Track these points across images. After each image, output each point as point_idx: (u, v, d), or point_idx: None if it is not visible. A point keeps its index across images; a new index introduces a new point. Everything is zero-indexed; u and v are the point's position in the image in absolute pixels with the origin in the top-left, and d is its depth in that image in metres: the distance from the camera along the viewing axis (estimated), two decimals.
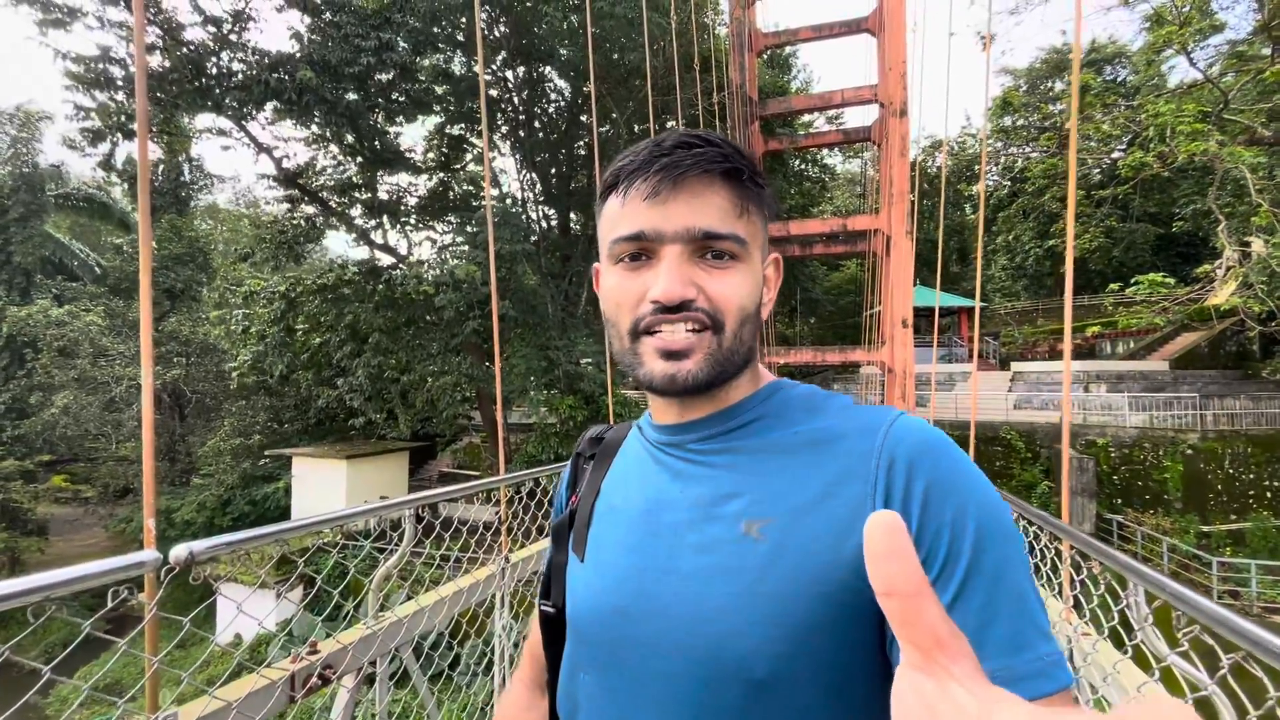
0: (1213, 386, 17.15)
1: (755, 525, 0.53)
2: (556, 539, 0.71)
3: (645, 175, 0.56)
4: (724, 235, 0.56)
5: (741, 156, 0.57)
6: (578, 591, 0.63)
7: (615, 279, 0.60)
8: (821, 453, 0.55)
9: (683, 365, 0.56)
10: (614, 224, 0.59)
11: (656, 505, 0.60)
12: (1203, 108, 13.09)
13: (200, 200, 29.36)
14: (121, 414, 20.23)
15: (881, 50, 14.23)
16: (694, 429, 0.62)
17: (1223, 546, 12.96)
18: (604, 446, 0.73)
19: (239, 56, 12.33)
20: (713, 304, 0.56)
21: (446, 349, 14.90)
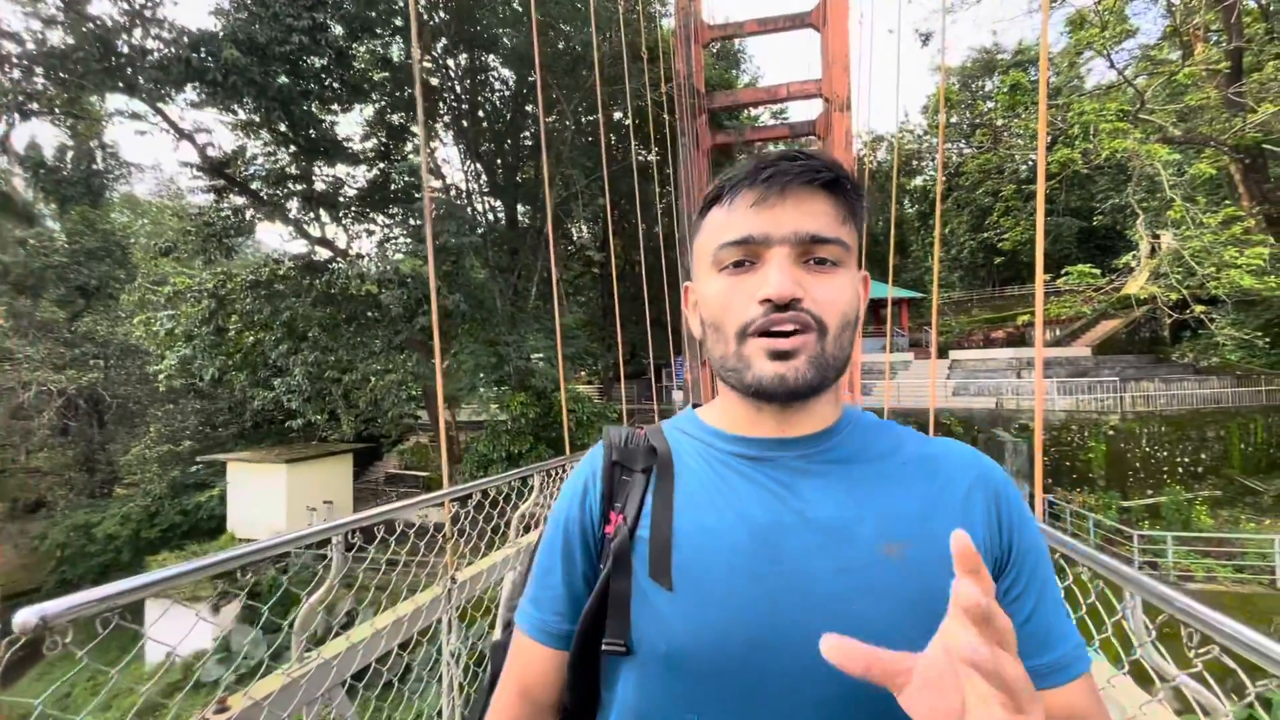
0: (1130, 370, 18.26)
1: (895, 547, 0.56)
2: (618, 563, 0.61)
3: (752, 184, 0.58)
4: (829, 240, 0.58)
5: (842, 169, 0.59)
6: (675, 625, 0.57)
7: (720, 284, 0.60)
8: (936, 480, 0.60)
9: (792, 364, 0.57)
10: (719, 231, 0.60)
11: (771, 528, 0.58)
12: (1124, 107, 13.84)
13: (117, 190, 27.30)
14: (30, 422, 18.65)
15: (825, 45, 14.46)
16: (796, 446, 0.62)
17: (1141, 520, 13.83)
18: (660, 459, 0.65)
19: (154, 33, 11.42)
20: (818, 306, 0.57)
21: (390, 346, 14.34)
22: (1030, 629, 0.57)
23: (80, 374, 19.11)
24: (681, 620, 0.56)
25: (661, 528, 0.60)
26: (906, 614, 0.53)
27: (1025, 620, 0.57)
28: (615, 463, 0.67)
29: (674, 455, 0.65)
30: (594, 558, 0.65)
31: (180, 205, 23.13)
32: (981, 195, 25.65)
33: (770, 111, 25.05)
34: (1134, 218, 15.88)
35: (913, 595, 0.54)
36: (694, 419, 0.69)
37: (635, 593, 0.59)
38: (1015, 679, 0.35)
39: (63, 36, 10.54)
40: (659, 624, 0.57)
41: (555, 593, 0.65)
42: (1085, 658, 0.58)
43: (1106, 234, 22.99)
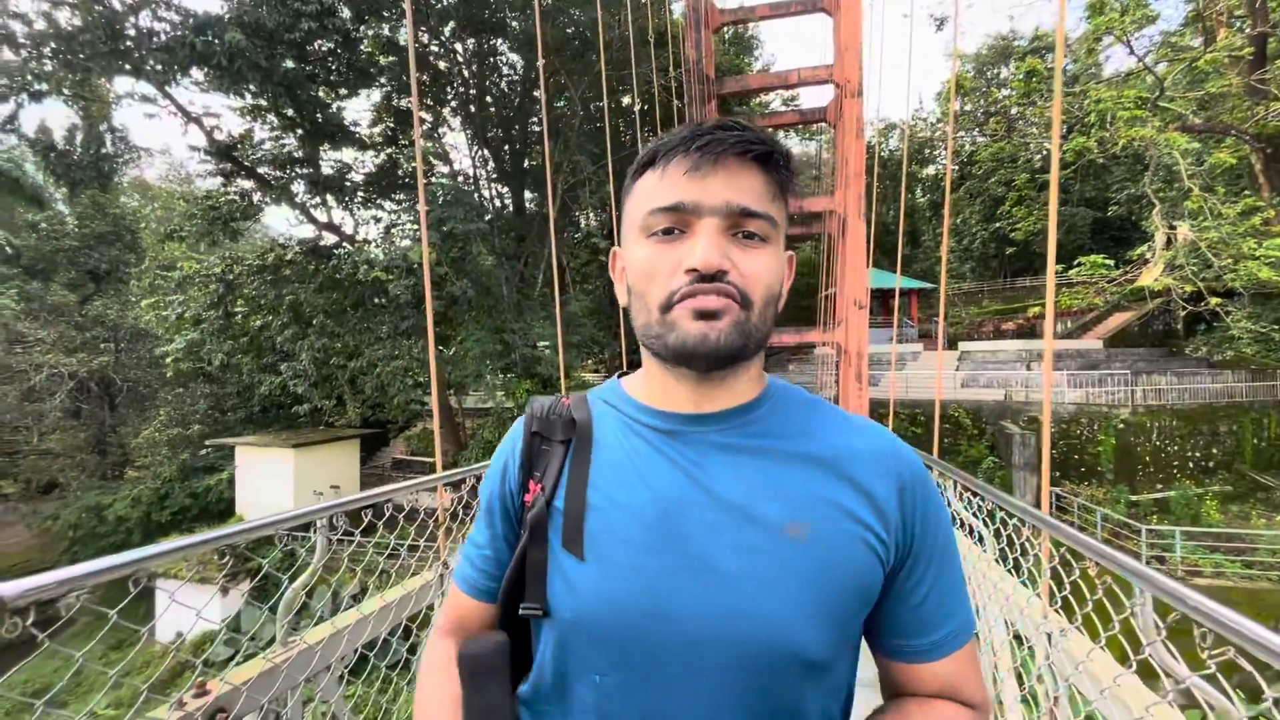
0: (1142, 364, 18.04)
1: (800, 528, 0.58)
2: (534, 533, 0.64)
3: (686, 151, 0.57)
4: (759, 214, 0.58)
5: (777, 143, 0.59)
6: (584, 593, 0.59)
7: (647, 251, 0.60)
8: (846, 467, 0.61)
9: (716, 325, 0.57)
10: (650, 197, 0.60)
11: (680, 505, 0.59)
12: (1142, 94, 13.55)
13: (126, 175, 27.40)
14: (43, 404, 18.85)
15: (837, 29, 14.21)
16: (712, 422, 0.63)
17: (1150, 515, 13.72)
18: (580, 430, 0.67)
19: (161, 15, 11.36)
20: (744, 280, 0.57)
21: (397, 332, 14.34)
22: (921, 611, 0.62)
23: (91, 357, 19.27)
24: (589, 588, 0.59)
25: (576, 500, 0.62)
26: (806, 593, 0.56)
27: (919, 604, 0.62)
28: (535, 433, 0.69)
29: (594, 426, 0.67)
30: (514, 524, 0.69)
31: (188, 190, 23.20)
32: (994, 185, 25.29)
33: (781, 98, 24.74)
34: (1150, 208, 15.59)
35: (812, 575, 0.57)
36: (617, 389, 0.71)
37: (551, 560, 0.62)
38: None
39: (70, 18, 10.50)
40: (570, 590, 0.60)
41: (483, 553, 0.71)
42: (966, 633, 0.63)
43: (1121, 225, 22.63)
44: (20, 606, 0.77)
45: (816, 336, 15.14)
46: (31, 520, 18.98)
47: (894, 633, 0.62)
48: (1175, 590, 0.85)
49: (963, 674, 0.62)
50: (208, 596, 1.56)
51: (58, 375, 18.66)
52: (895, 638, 0.63)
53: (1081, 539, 1.17)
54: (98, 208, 22.19)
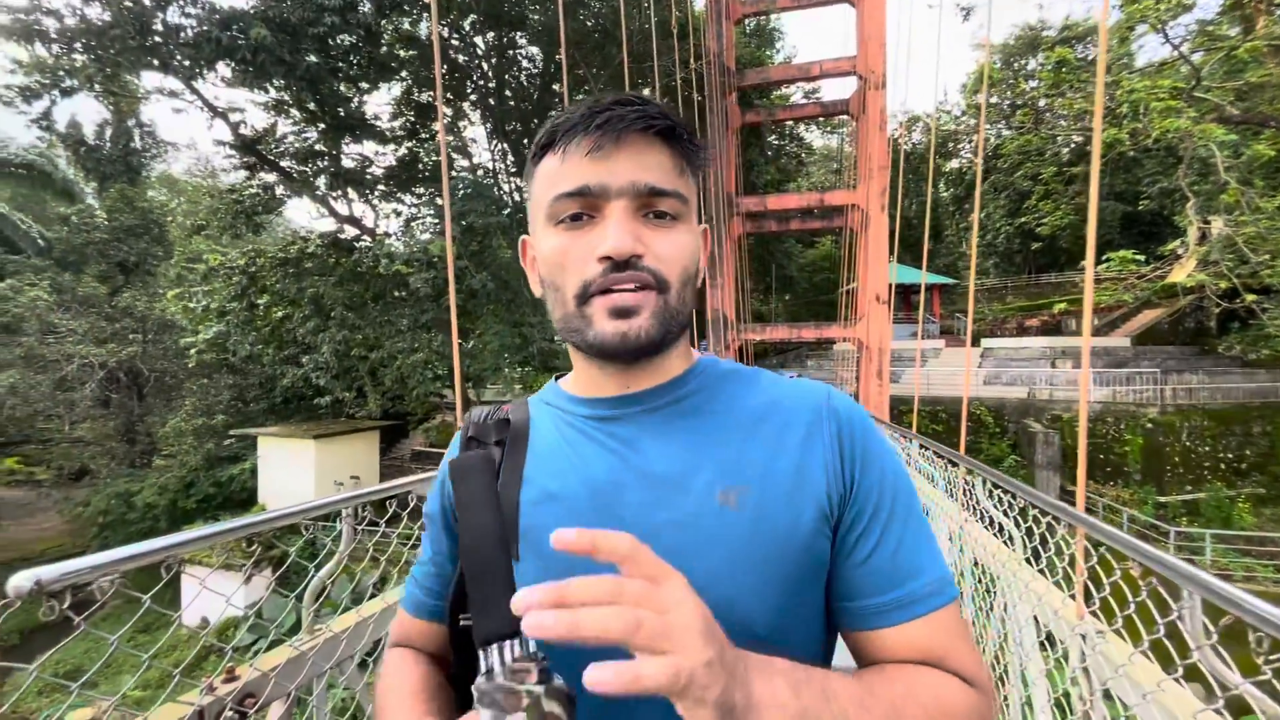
0: (1171, 362, 17.62)
1: (731, 494, 0.55)
2: None
3: (586, 130, 0.54)
4: (668, 192, 0.56)
5: (678, 117, 0.57)
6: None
7: (556, 241, 0.57)
8: (776, 422, 0.59)
9: (633, 323, 0.55)
10: (553, 182, 0.57)
11: (611, 486, 0.58)
12: (1177, 84, 13.16)
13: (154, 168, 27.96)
14: (74, 393, 19.34)
15: (861, 20, 14.00)
16: (638, 401, 0.61)
17: (1179, 517, 13.41)
18: (513, 429, 0.66)
19: (187, 11, 11.53)
20: (659, 263, 0.56)
21: (417, 325, 14.49)
22: (875, 565, 0.55)
23: (120, 348, 19.69)
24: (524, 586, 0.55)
25: (508, 499, 0.60)
26: (741, 560, 0.54)
27: (867, 556, 0.56)
28: (471, 438, 0.67)
29: (531, 425, 0.66)
30: (455, 535, 0.64)
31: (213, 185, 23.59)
32: (1020, 178, 24.79)
33: (803, 91, 24.48)
34: (1183, 202, 15.16)
35: (745, 541, 0.54)
36: (554, 388, 0.70)
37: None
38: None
39: (100, 13, 10.71)
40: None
41: (426, 569, 0.69)
42: (946, 592, 0.55)
43: (1152, 219, 22.06)
44: (56, 590, 0.77)
45: (836, 332, 15.04)
46: (63, 506, 19.52)
47: (848, 594, 0.56)
48: (1229, 594, 0.81)
49: (946, 642, 0.54)
50: (233, 584, 1.56)
51: (88, 365, 19.11)
52: (849, 599, 0.56)
53: (1125, 538, 1.13)
54: (126, 201, 22.65)
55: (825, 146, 35.40)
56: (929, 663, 0.54)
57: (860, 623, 0.56)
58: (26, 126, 12.34)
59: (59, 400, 19.22)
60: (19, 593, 0.73)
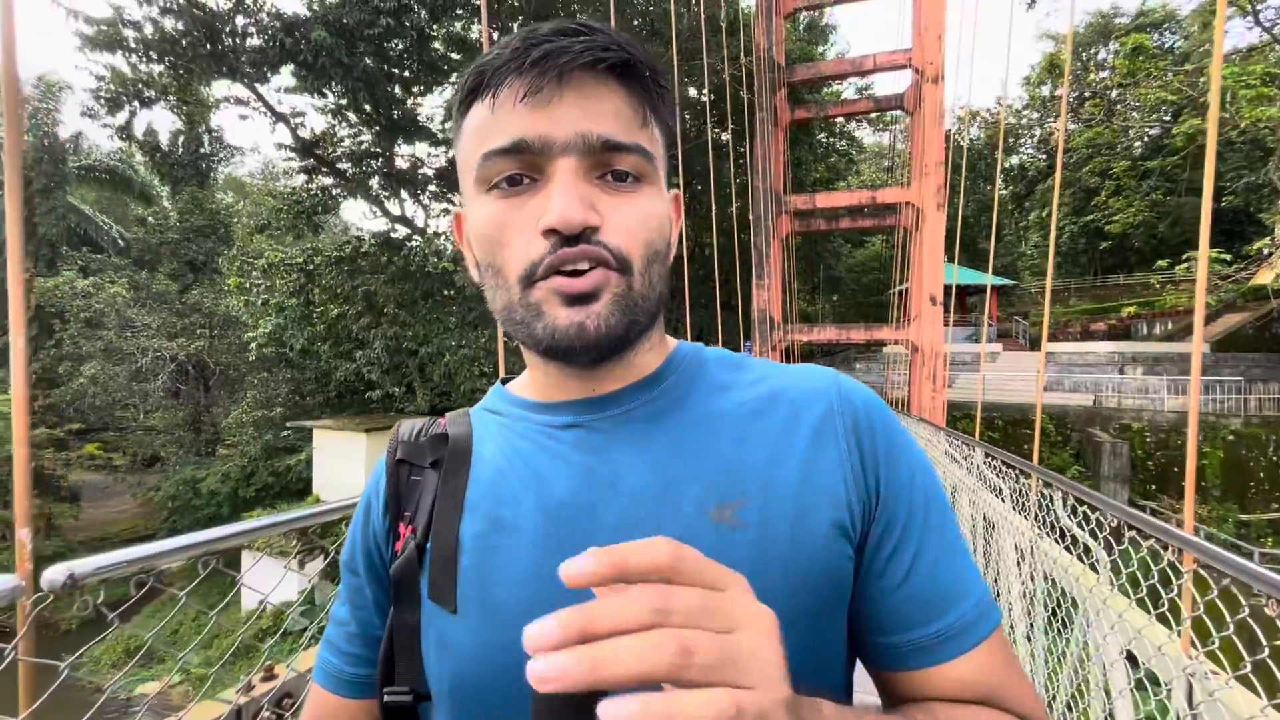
0: (1257, 370, 16.42)
1: (728, 510, 0.44)
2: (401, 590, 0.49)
3: (520, 70, 0.42)
4: (627, 146, 0.44)
5: (638, 49, 0.44)
6: (460, 654, 0.45)
7: (490, 210, 0.45)
8: (777, 418, 0.48)
9: (592, 310, 0.43)
10: (482, 137, 0.44)
11: (581, 511, 0.46)
12: (1270, 70, 12.23)
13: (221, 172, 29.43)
14: (148, 384, 20.53)
15: (917, 11, 13.51)
16: (607, 404, 0.49)
17: (1264, 537, 12.47)
18: (452, 446, 0.52)
19: (254, 21, 12.07)
20: (618, 236, 0.44)
21: (464, 323, 14.77)
22: (913, 589, 0.45)
23: (189, 342, 20.82)
24: (468, 645, 0.44)
25: (446, 535, 0.47)
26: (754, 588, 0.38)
27: (904, 579, 0.45)
28: (400, 460, 0.54)
29: (474, 441, 0.53)
30: (385, 585, 0.52)
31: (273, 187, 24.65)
32: (1088, 174, 23.54)
33: (855, 87, 23.88)
34: (1272, 198, 14.09)
35: (749, 566, 0.38)
36: (500, 392, 0.57)
37: (424, 621, 0.47)
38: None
39: (175, 24, 11.30)
40: (445, 655, 0.45)
41: (348, 631, 0.54)
42: (992, 616, 0.46)
43: (1235, 217, 20.60)
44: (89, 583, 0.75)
45: (888, 334, 14.56)
46: (137, 491, 20.79)
47: (881, 627, 0.46)
48: None
49: (1000, 676, 0.45)
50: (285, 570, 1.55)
51: (160, 358, 20.25)
52: (884, 634, 0.46)
53: (1255, 570, 0.98)
54: (196, 203, 23.94)
55: (876, 143, 34.48)
56: (981, 700, 0.44)
57: (899, 662, 0.46)
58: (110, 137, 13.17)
59: (134, 390, 20.43)
60: (53, 586, 0.70)
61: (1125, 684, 1.49)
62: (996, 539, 2.87)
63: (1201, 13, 16.67)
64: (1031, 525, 2.40)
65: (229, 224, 25.25)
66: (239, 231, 25.17)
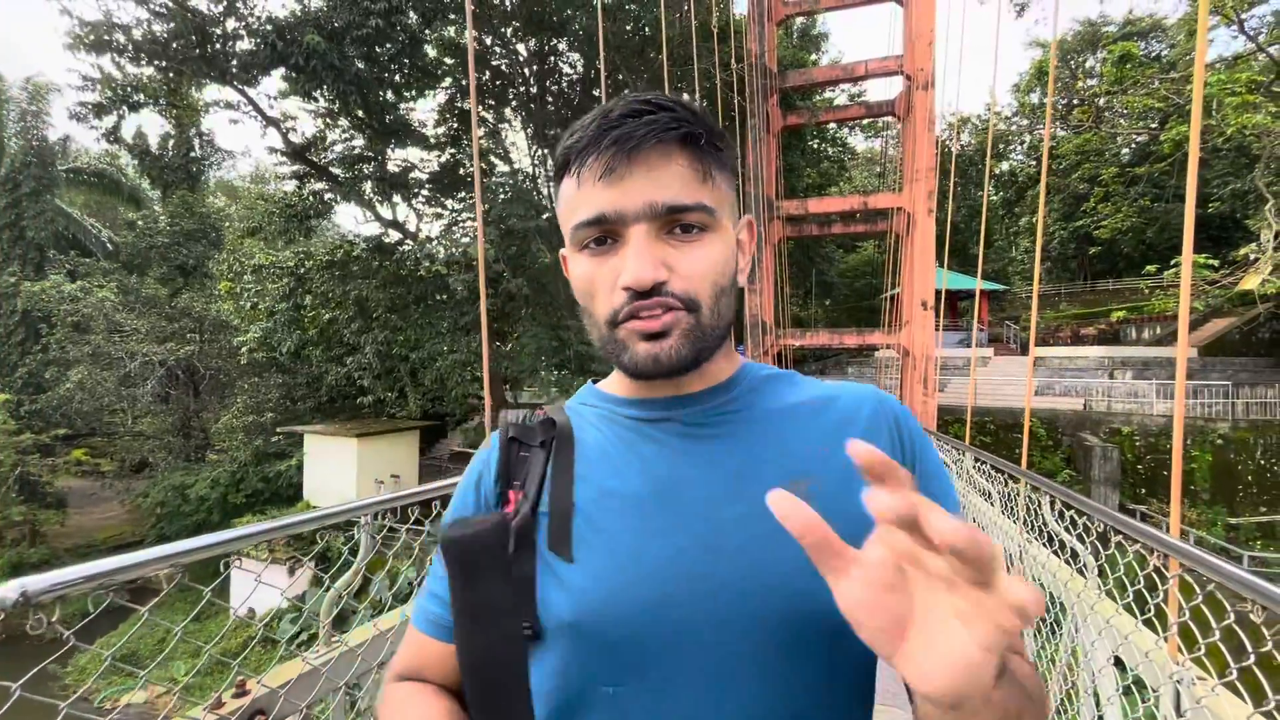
0: (1244, 374, 16.57)
1: (800, 484, 0.53)
2: (520, 543, 0.57)
3: (597, 152, 0.53)
4: (690, 206, 0.53)
5: (697, 117, 0.54)
6: (579, 595, 0.54)
7: (583, 266, 0.57)
8: (833, 416, 0.60)
9: (664, 344, 0.54)
10: (573, 209, 0.56)
11: (672, 484, 0.56)
12: (1255, 78, 12.38)
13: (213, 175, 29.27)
14: (136, 389, 20.32)
15: (908, 19, 13.61)
16: (691, 403, 0.60)
17: (1253, 540, 12.56)
18: (560, 430, 0.63)
19: (245, 25, 12.01)
20: (686, 284, 0.54)
21: (456, 327, 14.70)
22: None
23: (179, 346, 20.61)
24: (586, 589, 0.53)
25: (560, 498, 0.57)
26: None
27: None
28: (512, 439, 0.63)
29: (574, 426, 0.63)
30: None
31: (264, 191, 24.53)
32: (1076, 180, 23.76)
33: (847, 93, 24.02)
34: (1258, 205, 14.24)
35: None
36: (594, 390, 0.69)
37: (541, 570, 0.56)
38: (976, 545, 0.31)
39: (164, 28, 11.22)
40: (565, 598, 0.54)
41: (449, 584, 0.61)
42: None
43: (1222, 223, 20.82)
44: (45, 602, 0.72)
45: (879, 338, 14.61)
46: (125, 496, 20.50)
47: None
48: None
49: None
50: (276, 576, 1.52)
51: (149, 363, 20.04)
52: None
53: (1240, 575, 0.97)
54: (186, 207, 23.76)
55: (868, 150, 34.69)
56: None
57: None
58: (97, 140, 13.02)
59: (122, 395, 20.20)
60: (3, 604, 0.67)
61: (1114, 690, 1.49)
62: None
63: (1187, 21, 16.87)
64: (1020, 529, 2.40)
65: (220, 228, 25.07)
66: (230, 235, 25.04)
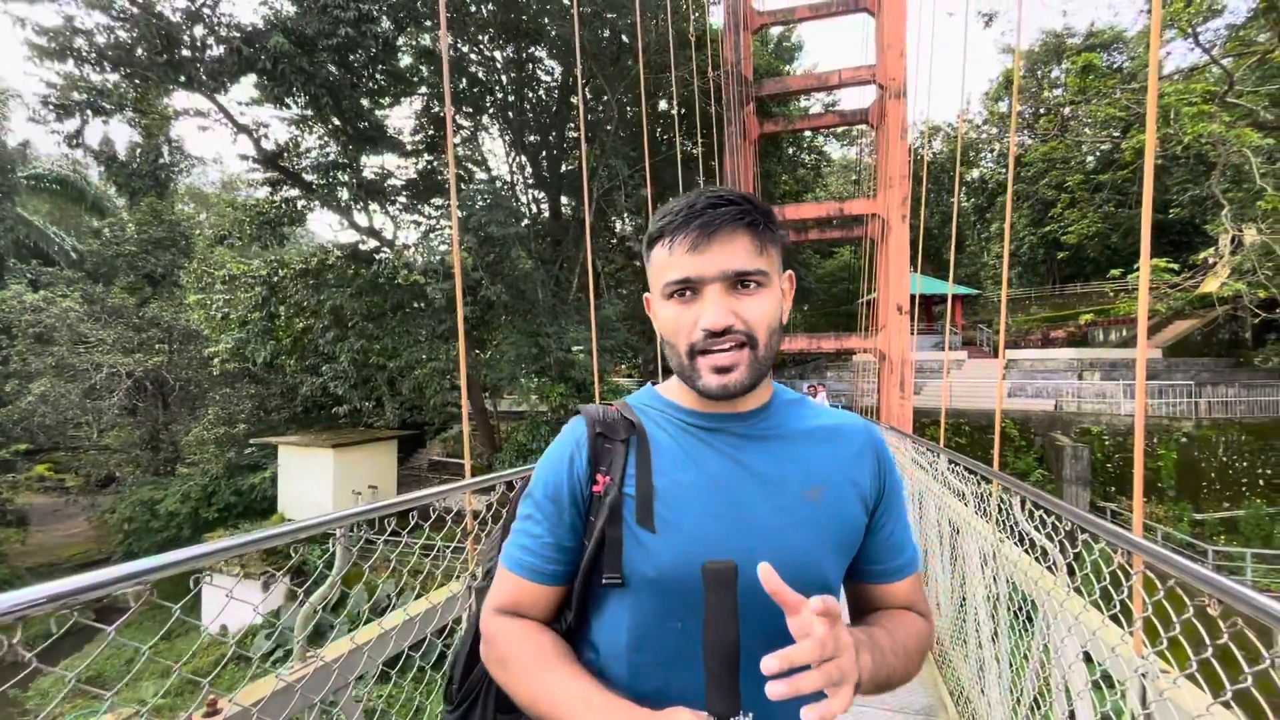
0: (1206, 374, 17.10)
1: (814, 491, 0.76)
2: (612, 515, 0.76)
3: (686, 232, 0.73)
4: (751, 272, 0.73)
5: (756, 208, 0.75)
6: (661, 556, 0.72)
7: (672, 311, 0.76)
8: (840, 441, 0.82)
9: (730, 377, 0.73)
10: (665, 270, 0.75)
11: (727, 482, 0.76)
12: (1210, 88, 12.83)
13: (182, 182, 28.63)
14: (102, 402, 19.72)
15: (880, 29, 13.89)
16: (742, 420, 0.80)
17: (1216, 534, 12.93)
18: (639, 429, 0.81)
19: (213, 33, 11.80)
20: (748, 326, 0.73)
21: (434, 335, 14.53)
22: (890, 542, 0.82)
23: (147, 357, 20.07)
24: (665, 553, 0.72)
25: (644, 484, 0.76)
26: (824, 539, 0.76)
27: (888, 536, 0.82)
28: (600, 434, 0.81)
29: (648, 427, 0.81)
30: (582, 513, 0.79)
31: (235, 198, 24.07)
32: (1044, 187, 24.37)
33: (821, 103, 24.38)
34: (1215, 210, 14.76)
35: (827, 524, 0.76)
36: (656, 395, 0.87)
37: (626, 536, 0.74)
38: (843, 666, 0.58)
39: (130, 33, 10.98)
40: (648, 558, 0.73)
41: (543, 541, 0.79)
42: (916, 564, 0.85)
43: (1182, 228, 21.52)
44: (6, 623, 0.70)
45: (856, 343, 14.81)
46: (90, 513, 19.85)
47: (873, 559, 0.82)
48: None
49: (918, 593, 0.85)
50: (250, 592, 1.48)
51: (116, 374, 19.48)
52: (874, 563, 0.82)
53: (1197, 570, 1.01)
54: (155, 214, 23.19)
55: (844, 157, 35.21)
56: (906, 607, 0.83)
57: (875, 579, 0.83)
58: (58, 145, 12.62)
59: (87, 409, 19.60)
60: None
61: (1083, 685, 1.52)
62: (962, 543, 2.92)
63: (1144, 35, 17.44)
64: (993, 529, 2.44)
65: (190, 236, 24.51)
66: (200, 243, 24.50)
